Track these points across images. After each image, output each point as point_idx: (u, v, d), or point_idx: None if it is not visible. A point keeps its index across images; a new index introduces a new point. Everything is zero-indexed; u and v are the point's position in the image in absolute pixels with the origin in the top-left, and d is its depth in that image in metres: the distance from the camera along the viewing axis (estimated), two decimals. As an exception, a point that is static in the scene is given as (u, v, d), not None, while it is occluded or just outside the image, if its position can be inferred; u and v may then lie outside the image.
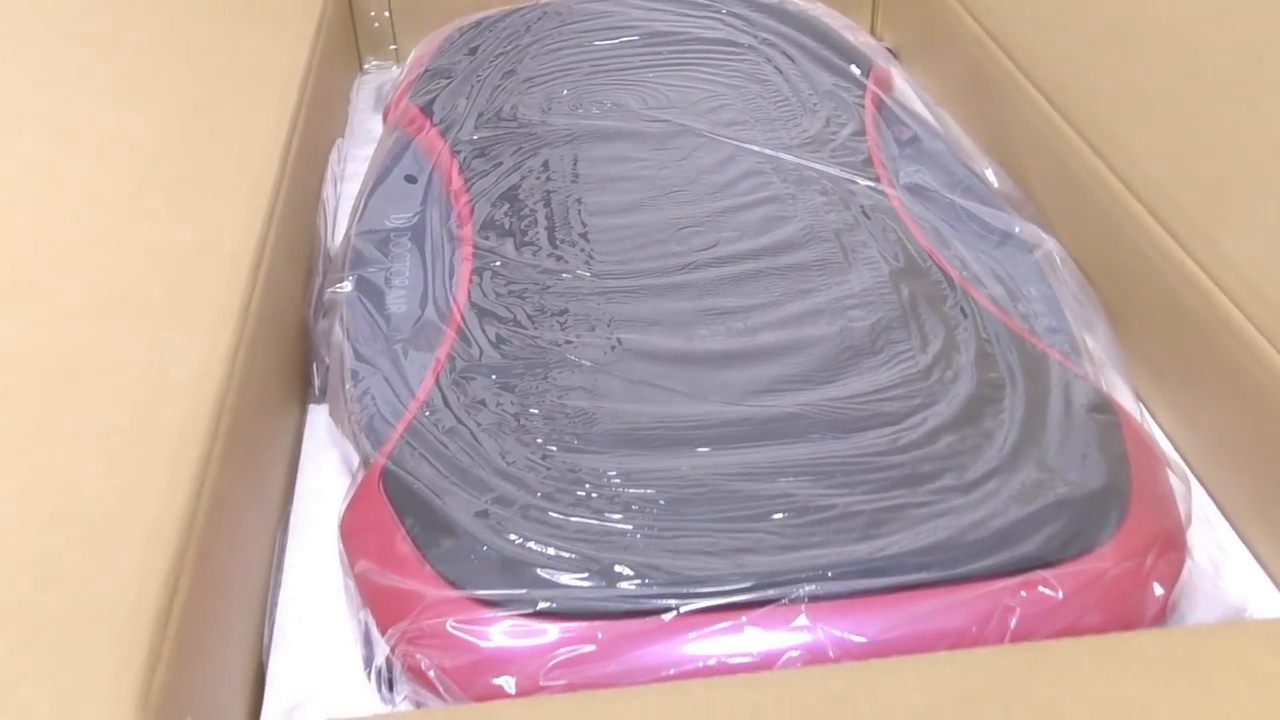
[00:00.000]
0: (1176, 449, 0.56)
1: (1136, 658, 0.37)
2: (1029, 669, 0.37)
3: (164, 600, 0.38)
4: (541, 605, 0.42)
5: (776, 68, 0.81)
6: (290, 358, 0.61)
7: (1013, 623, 0.41)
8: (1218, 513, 0.53)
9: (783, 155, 0.71)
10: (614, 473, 0.48)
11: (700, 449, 0.49)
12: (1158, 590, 0.43)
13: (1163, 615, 0.43)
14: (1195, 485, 0.52)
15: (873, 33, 0.98)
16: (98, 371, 0.47)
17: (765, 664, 0.40)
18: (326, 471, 0.58)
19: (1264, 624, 0.45)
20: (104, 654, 0.35)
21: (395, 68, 0.96)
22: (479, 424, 0.51)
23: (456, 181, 0.70)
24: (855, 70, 0.80)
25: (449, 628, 0.42)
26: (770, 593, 0.42)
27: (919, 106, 0.79)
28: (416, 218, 0.69)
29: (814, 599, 0.42)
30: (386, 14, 0.95)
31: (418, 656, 0.42)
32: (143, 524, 0.40)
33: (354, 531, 0.48)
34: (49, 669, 0.35)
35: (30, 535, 0.39)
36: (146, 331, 0.49)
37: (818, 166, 0.69)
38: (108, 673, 0.35)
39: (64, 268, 0.52)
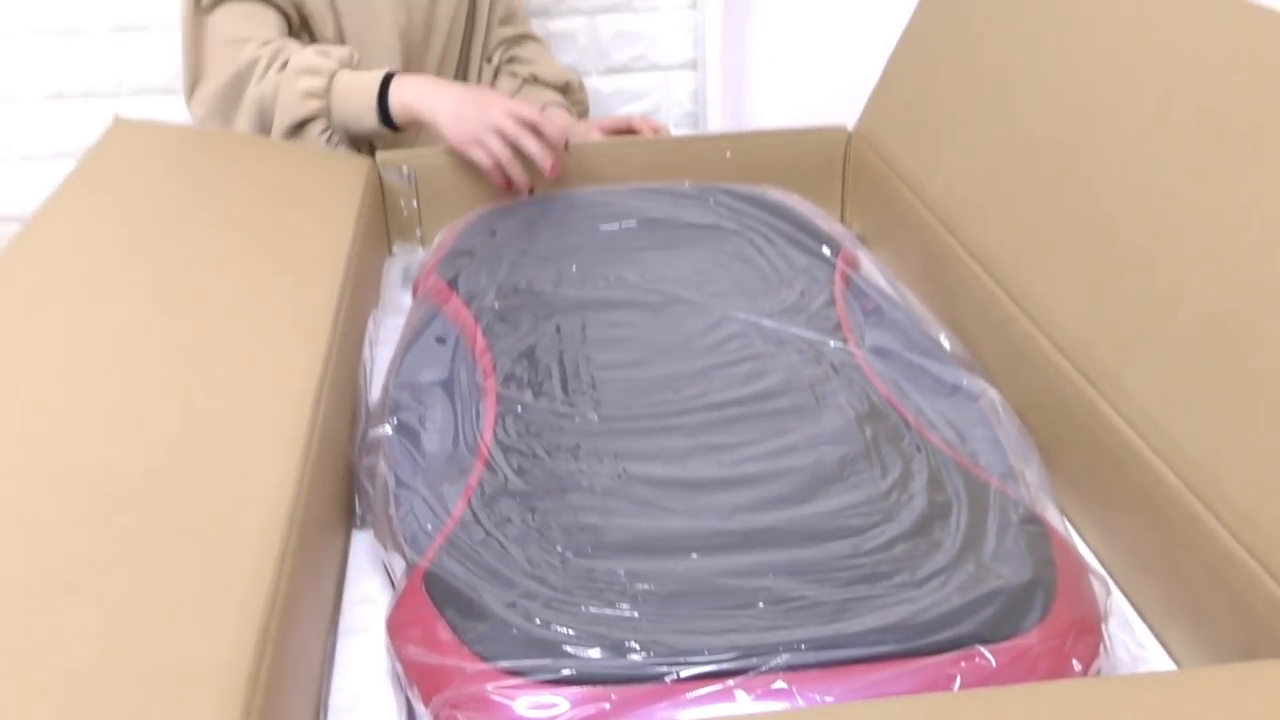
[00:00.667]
0: (1099, 560, 0.65)
1: (1055, 698, 0.45)
2: (960, 707, 0.45)
3: (254, 663, 0.46)
4: (563, 673, 0.51)
5: (758, 248, 0.93)
6: (339, 489, 0.70)
7: (955, 687, 0.50)
8: (1136, 615, 0.62)
9: (763, 321, 0.82)
10: (622, 572, 0.57)
11: (694, 555, 0.59)
12: (1076, 665, 0.52)
13: (1079, 684, 0.52)
14: (1115, 590, 0.62)
15: (842, 220, 1.11)
16: (191, 484, 0.56)
17: (750, 720, 0.49)
18: (368, 586, 0.67)
19: (1148, 675, 0.53)
20: (205, 705, 0.44)
21: (420, 250, 1.08)
22: (506, 536, 0.61)
23: (480, 342, 0.81)
24: (826, 251, 0.93)
25: (486, 692, 0.51)
26: (753, 660, 0.51)
27: (882, 282, 0.91)
28: (446, 372, 0.79)
29: (790, 667, 0.51)
30: (415, 204, 1.08)
31: (460, 718, 0.50)
32: (229, 619, 0.48)
33: (400, 624, 0.57)
34: (157, 717, 0.43)
35: (141, 611, 0.48)
36: (229, 454, 0.59)
37: (794, 330, 0.81)
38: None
39: (160, 401, 0.62)
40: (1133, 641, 0.59)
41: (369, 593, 0.66)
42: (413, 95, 1.05)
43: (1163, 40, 0.71)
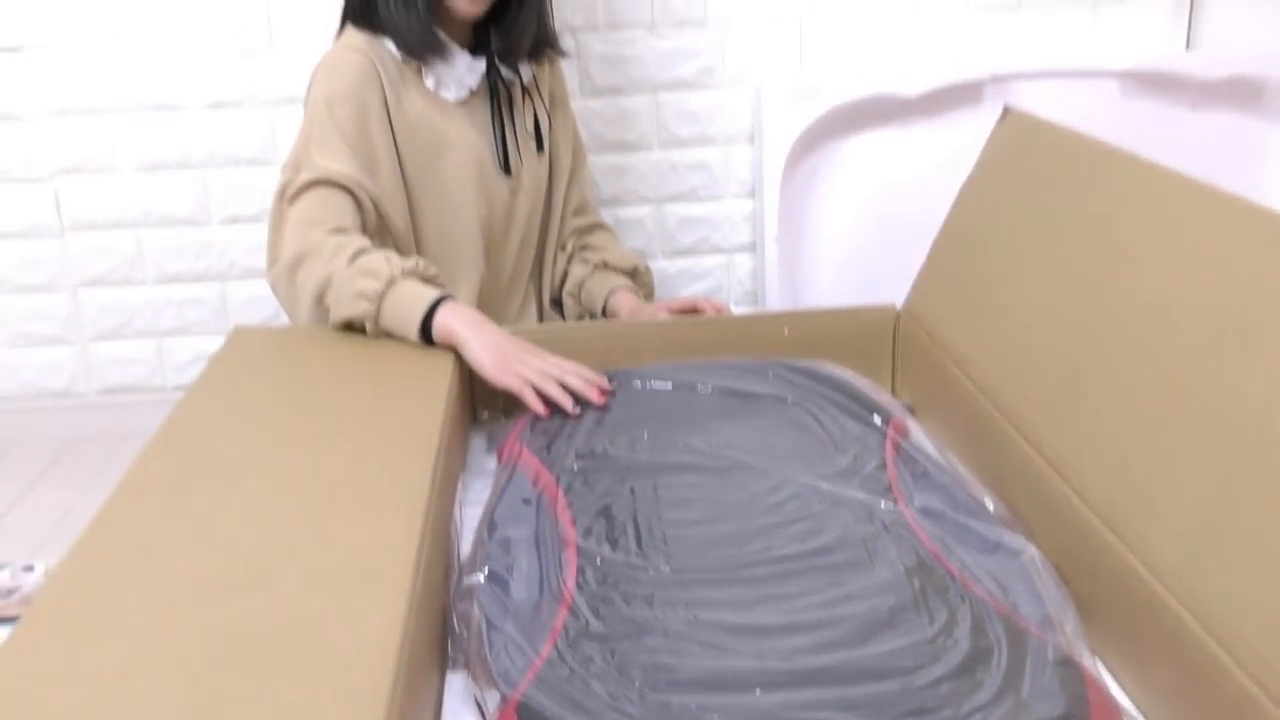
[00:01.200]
0: (1135, 705, 0.71)
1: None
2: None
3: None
4: (644, 792, 0.57)
5: (814, 417, 1.02)
6: (436, 633, 0.78)
7: (995, 809, 0.56)
8: (1167, 754, 0.67)
9: (820, 484, 0.90)
10: (694, 706, 0.64)
11: (759, 691, 0.65)
12: (1108, 794, 0.58)
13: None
14: (1147, 729, 0.67)
15: (892, 391, 1.20)
16: (314, 631, 0.64)
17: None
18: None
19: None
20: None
21: (503, 419, 1.18)
22: (589, 673, 0.68)
23: (562, 501, 0.90)
24: (878, 420, 1.01)
25: (576, 808, 0.57)
26: (813, 782, 0.57)
27: (930, 448, 0.98)
28: (531, 528, 0.88)
29: (846, 788, 0.57)
30: (498, 375, 1.18)
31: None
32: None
33: (497, 751, 0.64)
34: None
35: None
36: (344, 604, 0.67)
37: (848, 492, 0.88)
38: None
39: (284, 562, 0.71)
40: (1165, 779, 0.65)
41: (461, 727, 0.73)
42: (455, 331, 1.09)
43: (1174, 234, 0.80)
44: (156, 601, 0.67)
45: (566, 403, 1.05)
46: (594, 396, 1.05)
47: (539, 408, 1.04)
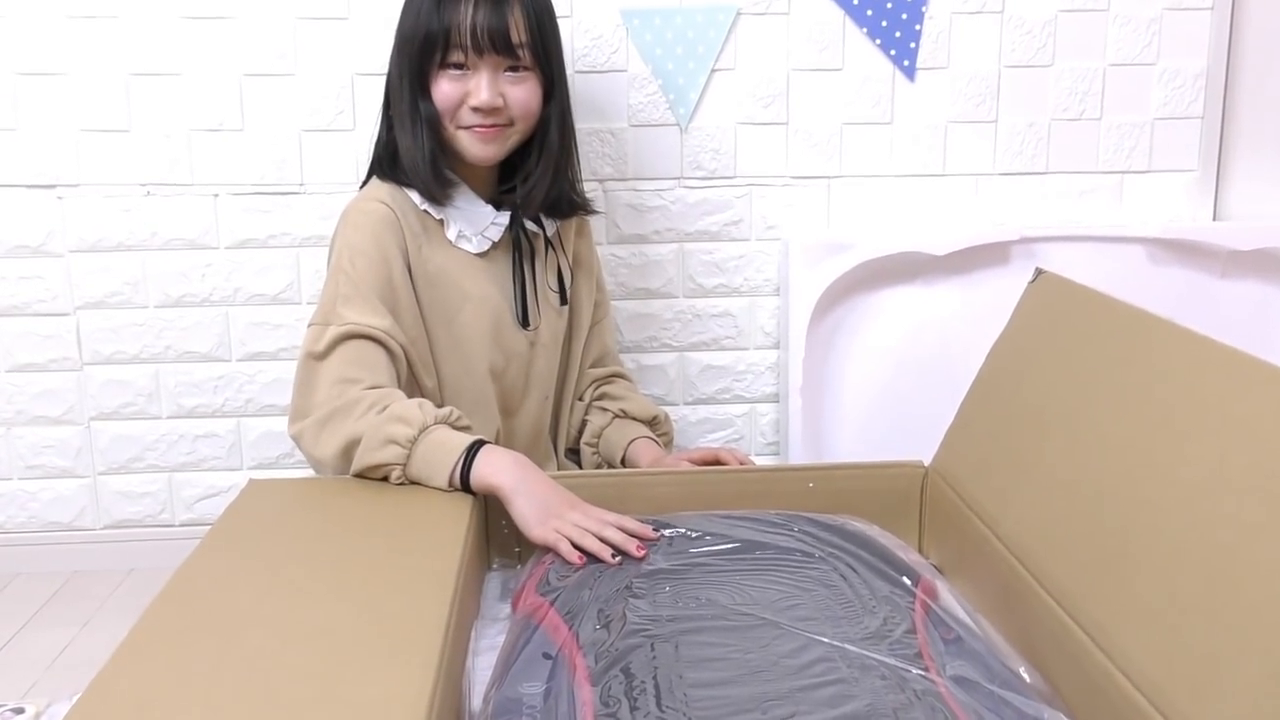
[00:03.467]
0: None
1: None
2: None
3: None
4: None
5: (841, 576, 0.98)
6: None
7: None
8: None
9: (848, 646, 0.86)
10: None
11: None
12: None
13: None
14: None
15: (920, 551, 1.16)
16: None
17: None
18: None
19: None
20: None
21: (518, 566, 1.15)
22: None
23: (578, 656, 0.86)
24: (907, 581, 0.98)
25: None
26: None
27: (960, 612, 0.95)
28: (545, 684, 0.84)
29: None
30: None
31: None
32: None
33: None
34: None
35: None
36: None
37: (877, 657, 0.84)
38: None
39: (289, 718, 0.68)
40: None
41: None
42: (501, 481, 1.07)
43: (1217, 403, 0.78)
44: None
45: (605, 554, 1.01)
46: (633, 550, 1.02)
47: (573, 558, 1.01)
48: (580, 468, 1.45)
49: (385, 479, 1.11)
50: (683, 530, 1.07)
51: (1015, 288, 1.14)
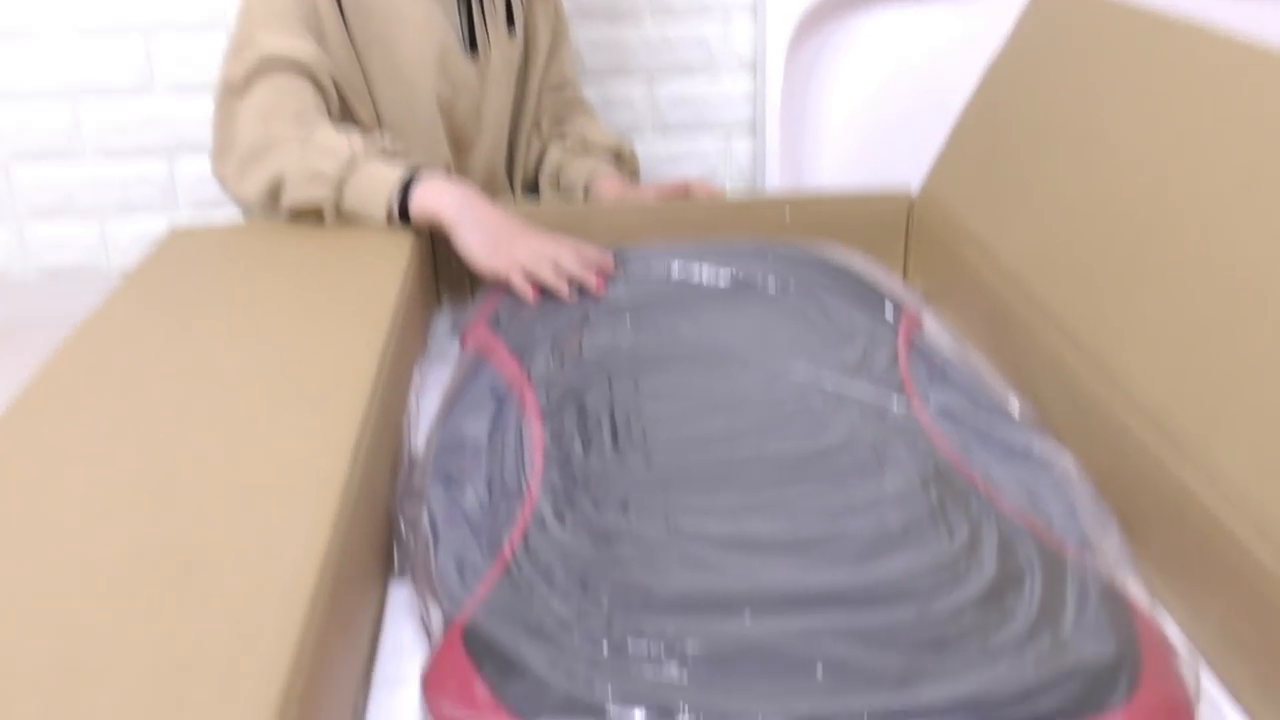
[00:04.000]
0: (1185, 637, 0.60)
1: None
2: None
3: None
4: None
5: (819, 306, 0.90)
6: (377, 538, 0.67)
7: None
8: (1228, 698, 0.57)
9: (823, 379, 0.79)
10: (671, 631, 0.54)
11: (748, 615, 0.55)
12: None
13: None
14: (1204, 670, 0.57)
15: (904, 278, 1.08)
16: (220, 549, 0.53)
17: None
18: (404, 638, 0.63)
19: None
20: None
21: (471, 298, 1.07)
22: (550, 590, 0.57)
23: (529, 394, 0.79)
24: (889, 310, 0.90)
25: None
26: (817, 730, 0.47)
27: (946, 341, 0.87)
28: (492, 423, 0.77)
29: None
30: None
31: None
32: (256, 665, 0.46)
33: (436, 681, 0.54)
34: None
35: (162, 679, 0.45)
36: (261, 513, 0.56)
37: (855, 389, 0.77)
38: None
39: (195, 472, 0.60)
40: (1224, 728, 0.55)
41: (406, 643, 0.63)
42: (442, 209, 0.98)
43: (1246, 107, 0.68)
44: (40, 521, 0.56)
45: (562, 289, 0.92)
46: (591, 282, 0.93)
47: (528, 293, 0.92)
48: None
49: (321, 218, 1.01)
50: (646, 259, 0.98)
51: (1010, 10, 1.02)
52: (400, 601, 0.66)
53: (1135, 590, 0.59)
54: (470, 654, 0.54)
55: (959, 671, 0.50)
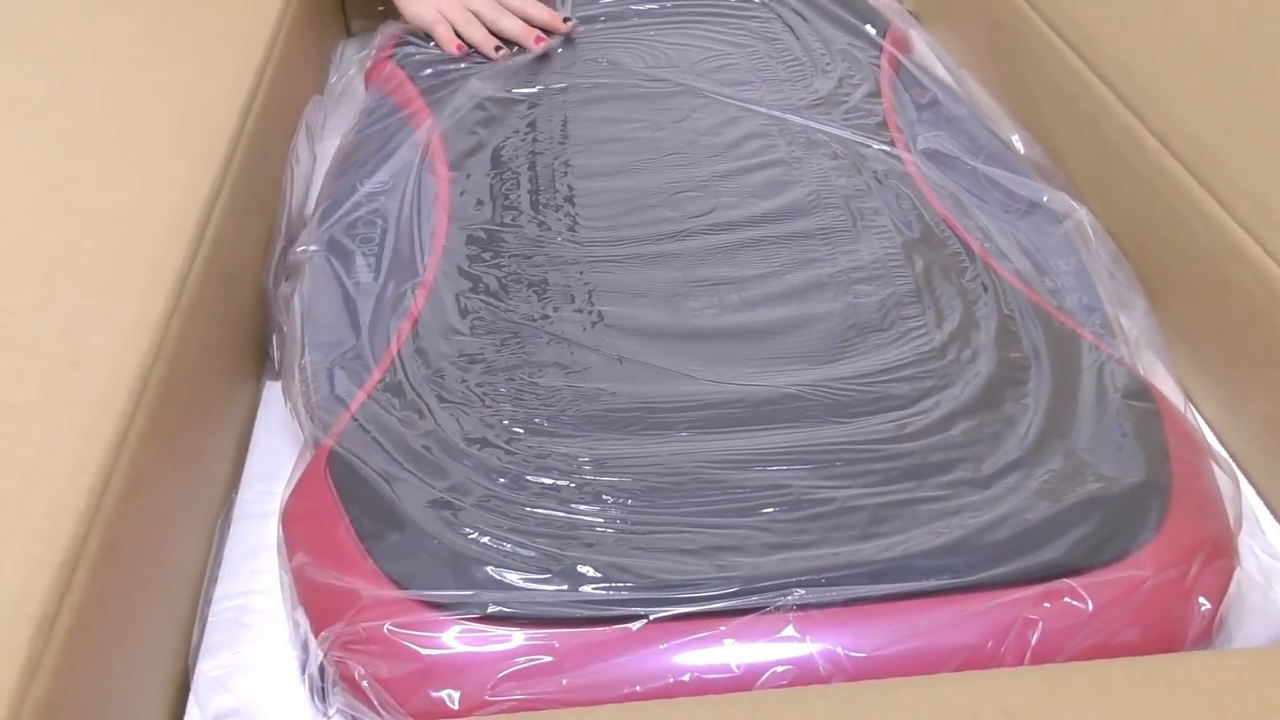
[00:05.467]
0: (1222, 442, 0.50)
1: (1180, 683, 0.31)
2: (1051, 693, 0.31)
3: (51, 599, 0.33)
4: (493, 609, 0.37)
5: (787, 25, 0.75)
6: (245, 328, 0.55)
7: (1034, 638, 0.36)
8: (1269, 515, 0.47)
9: (790, 117, 0.65)
10: (586, 459, 0.43)
11: (683, 433, 0.44)
12: (1203, 604, 0.38)
13: (1209, 633, 0.37)
14: (1244, 483, 0.46)
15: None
16: (7, 343, 0.42)
17: (745, 682, 0.35)
18: (281, 455, 0.52)
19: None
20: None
21: (382, 26, 0.91)
22: (440, 400, 0.46)
23: (437, 144, 0.65)
24: (871, 30, 0.75)
25: (387, 632, 0.37)
26: (754, 599, 0.36)
27: (939, 69, 0.73)
28: (394, 180, 0.63)
29: (805, 606, 0.36)
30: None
31: (351, 664, 0.37)
32: (36, 512, 0.35)
33: (295, 521, 0.43)
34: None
35: None
36: (67, 298, 0.44)
37: (828, 129, 0.64)
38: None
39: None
40: (1264, 551, 0.44)
41: (279, 465, 0.52)
42: None
43: None
44: None
45: (489, 48, 0.75)
46: (530, 43, 0.75)
47: (451, 47, 0.75)
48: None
49: None
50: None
51: None
52: (278, 408, 0.55)
53: (1164, 383, 0.48)
54: (336, 488, 0.43)
55: (943, 509, 0.40)
